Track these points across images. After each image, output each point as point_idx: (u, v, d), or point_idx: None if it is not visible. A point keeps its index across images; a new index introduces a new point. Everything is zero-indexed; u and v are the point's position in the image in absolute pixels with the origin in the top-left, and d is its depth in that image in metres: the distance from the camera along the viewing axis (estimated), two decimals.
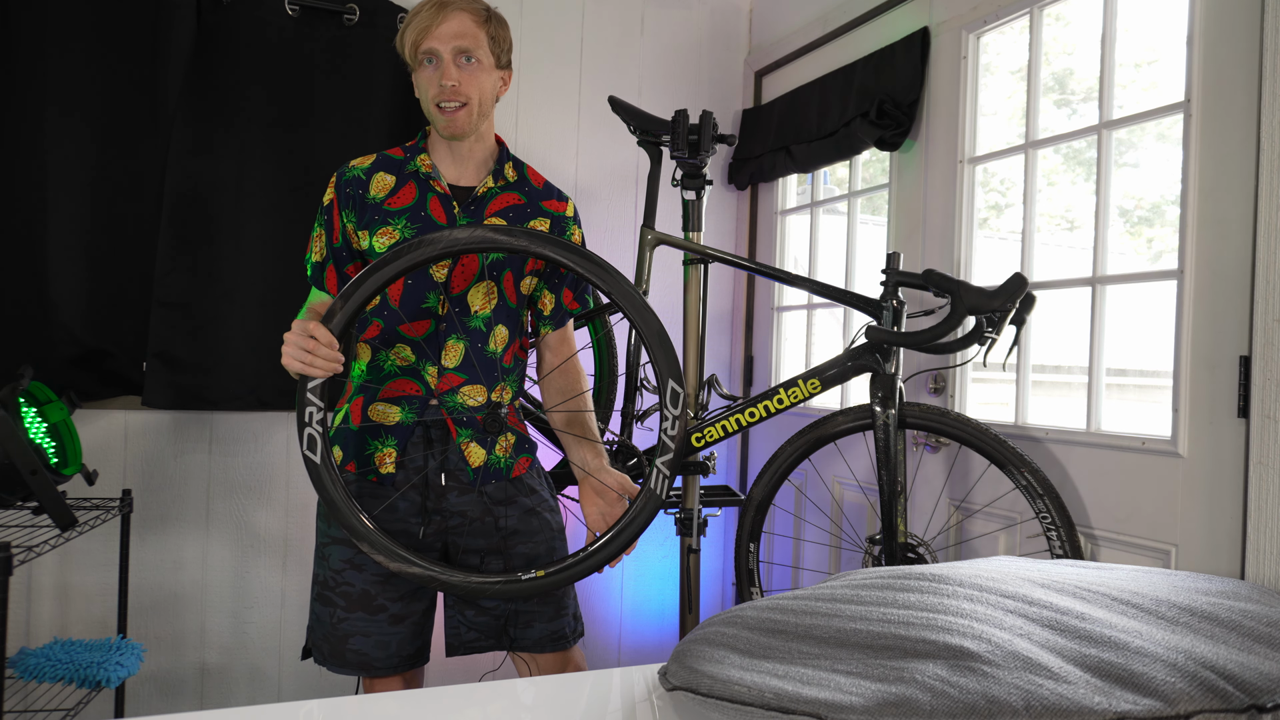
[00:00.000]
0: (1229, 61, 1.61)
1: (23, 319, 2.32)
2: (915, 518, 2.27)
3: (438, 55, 1.62)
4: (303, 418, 1.56)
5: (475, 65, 1.64)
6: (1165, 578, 1.28)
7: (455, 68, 1.62)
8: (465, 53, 1.62)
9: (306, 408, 1.55)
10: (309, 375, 1.55)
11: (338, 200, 1.70)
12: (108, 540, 2.43)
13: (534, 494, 1.76)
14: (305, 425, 1.55)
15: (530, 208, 1.75)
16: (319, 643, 1.70)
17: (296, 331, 1.54)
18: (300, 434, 1.56)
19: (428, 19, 1.61)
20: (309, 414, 1.55)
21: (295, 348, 1.53)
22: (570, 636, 1.77)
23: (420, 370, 1.68)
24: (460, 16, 1.62)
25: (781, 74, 2.97)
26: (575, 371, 1.82)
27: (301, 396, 1.56)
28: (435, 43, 1.61)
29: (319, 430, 1.55)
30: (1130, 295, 1.93)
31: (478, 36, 1.63)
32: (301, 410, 1.56)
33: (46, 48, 2.32)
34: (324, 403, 1.56)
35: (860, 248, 2.65)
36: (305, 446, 1.56)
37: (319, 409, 1.55)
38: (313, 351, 1.52)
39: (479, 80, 1.65)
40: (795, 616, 1.11)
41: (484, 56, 1.65)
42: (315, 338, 1.52)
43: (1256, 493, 1.50)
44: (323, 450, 1.56)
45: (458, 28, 1.62)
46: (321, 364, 1.53)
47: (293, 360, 1.54)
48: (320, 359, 1.52)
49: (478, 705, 1.17)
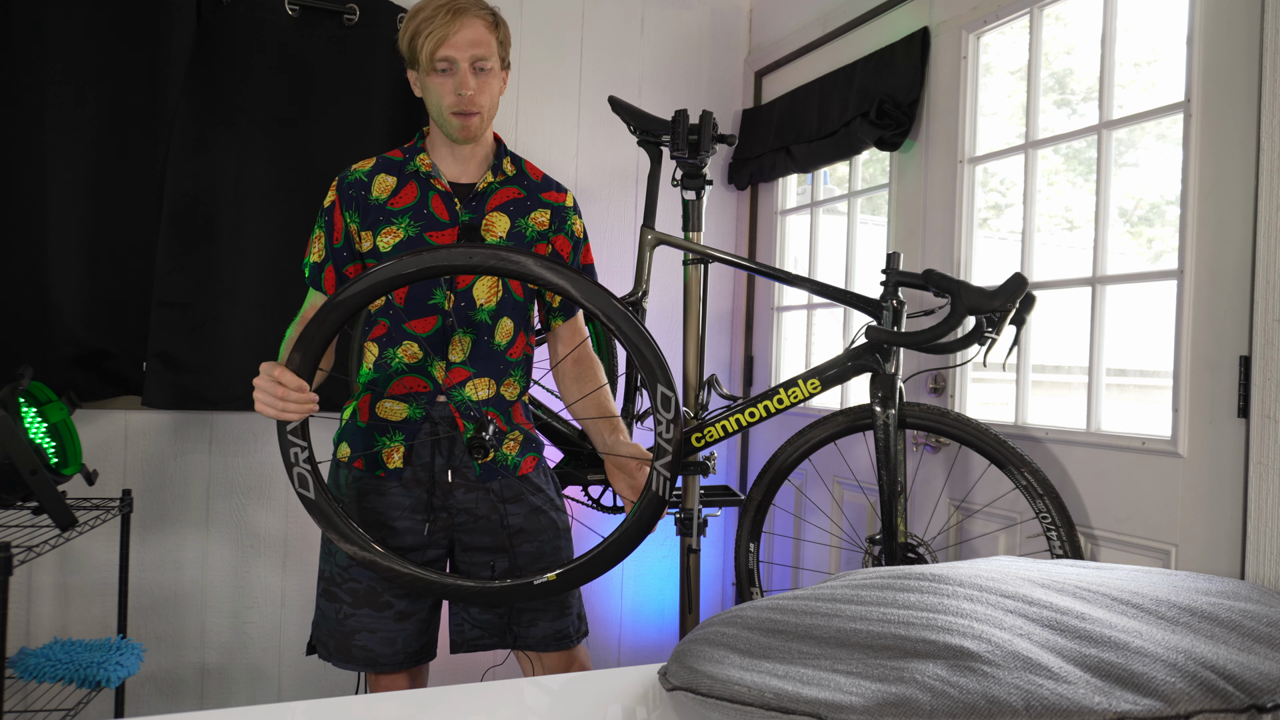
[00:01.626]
0: (1229, 61, 1.61)
1: (23, 319, 2.32)
2: (915, 518, 2.27)
3: (454, 64, 1.63)
4: (288, 459, 1.55)
5: (488, 73, 1.66)
6: (1165, 578, 1.28)
7: (472, 76, 1.63)
8: (481, 60, 1.64)
9: (290, 449, 1.55)
10: (285, 420, 1.54)
11: (340, 201, 1.71)
12: (108, 540, 2.43)
13: (540, 493, 1.77)
14: (293, 466, 1.55)
15: (530, 200, 1.76)
16: (324, 638, 1.71)
17: (264, 379, 1.52)
18: (290, 475, 1.56)
19: (444, 27, 1.60)
20: (294, 454, 1.55)
21: (266, 394, 1.51)
22: (574, 636, 1.77)
23: (427, 366, 1.68)
24: (475, 24, 1.63)
25: (781, 74, 2.97)
26: (589, 359, 1.83)
27: (283, 439, 1.55)
28: (453, 51, 1.61)
29: (308, 469, 1.55)
30: (1130, 295, 1.93)
31: (490, 44, 1.65)
32: (286, 452, 1.55)
33: (46, 48, 2.32)
34: (306, 441, 1.55)
35: (860, 248, 2.65)
36: (298, 486, 1.56)
37: (303, 448, 1.55)
38: (284, 399, 1.50)
39: (491, 87, 1.68)
40: (795, 616, 1.11)
41: (495, 64, 1.67)
42: (283, 384, 1.50)
43: (1256, 493, 1.50)
44: (316, 487, 1.56)
45: (474, 36, 1.62)
46: (295, 409, 1.51)
47: (265, 408, 1.52)
48: (293, 404, 1.51)
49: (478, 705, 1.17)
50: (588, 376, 1.82)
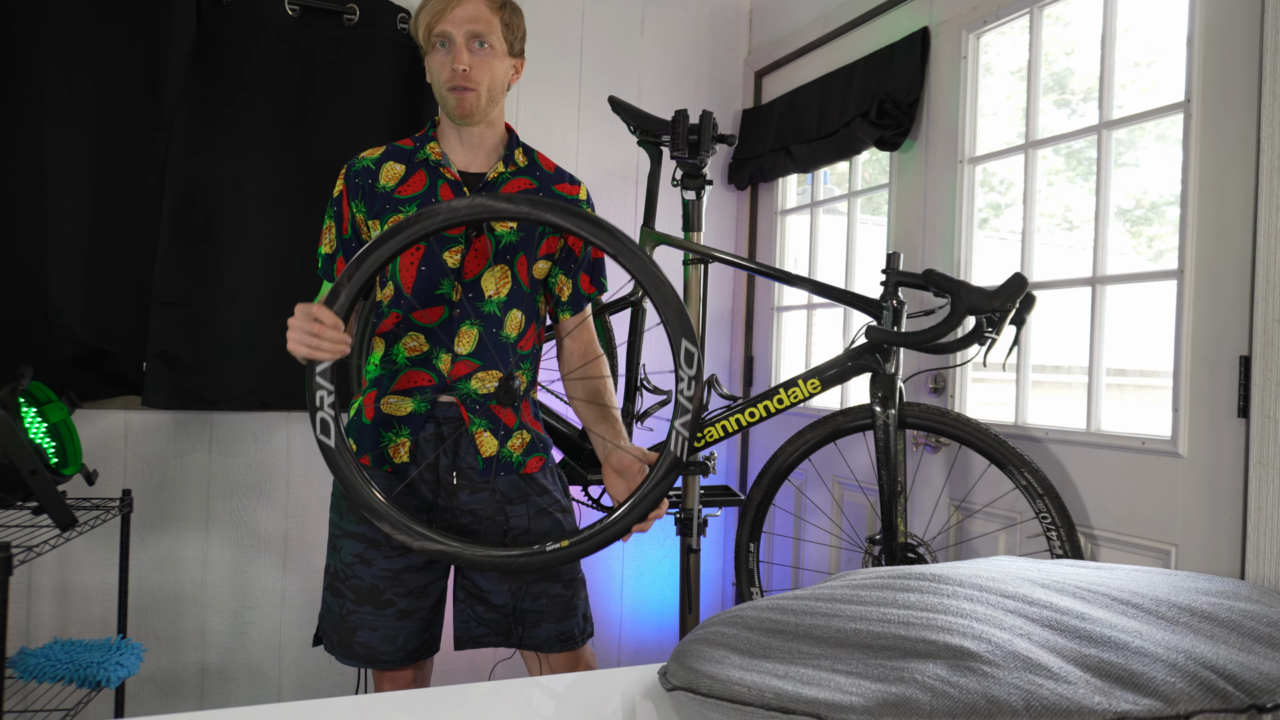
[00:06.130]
0: (1229, 61, 1.61)
1: (23, 319, 2.32)
2: (915, 518, 2.27)
3: (450, 39, 1.63)
4: (314, 402, 1.52)
5: (488, 51, 1.65)
6: (1165, 578, 1.28)
7: (467, 52, 1.63)
8: (478, 37, 1.63)
9: (317, 392, 1.51)
10: (316, 359, 1.52)
11: (347, 191, 1.70)
12: (108, 540, 2.43)
13: (546, 494, 1.75)
14: (317, 409, 1.52)
15: (543, 191, 1.75)
16: (329, 632, 1.71)
17: (300, 315, 1.50)
18: (313, 419, 1.52)
19: (442, 2, 1.62)
20: (320, 398, 1.51)
21: (300, 332, 1.49)
22: (579, 637, 1.76)
23: (433, 359, 1.67)
24: (474, 2, 1.63)
25: (781, 74, 2.97)
26: (596, 354, 1.83)
27: (310, 381, 1.51)
28: (448, 26, 1.62)
29: (331, 414, 1.52)
30: (1130, 295, 1.93)
31: (491, 22, 1.64)
32: (312, 395, 1.52)
33: (47, 47, 2.32)
34: (334, 385, 1.52)
35: (860, 248, 2.65)
36: (319, 431, 1.53)
37: (329, 392, 1.51)
38: (318, 335, 1.49)
39: (490, 66, 1.66)
40: (795, 616, 1.11)
41: (497, 42, 1.66)
42: (320, 320, 1.49)
43: (1256, 493, 1.50)
44: (336, 434, 1.53)
45: (471, 12, 1.63)
46: (329, 346, 1.49)
47: (298, 345, 1.50)
48: (327, 341, 1.49)
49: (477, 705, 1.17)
50: (594, 371, 1.81)
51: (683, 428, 1.52)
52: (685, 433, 1.52)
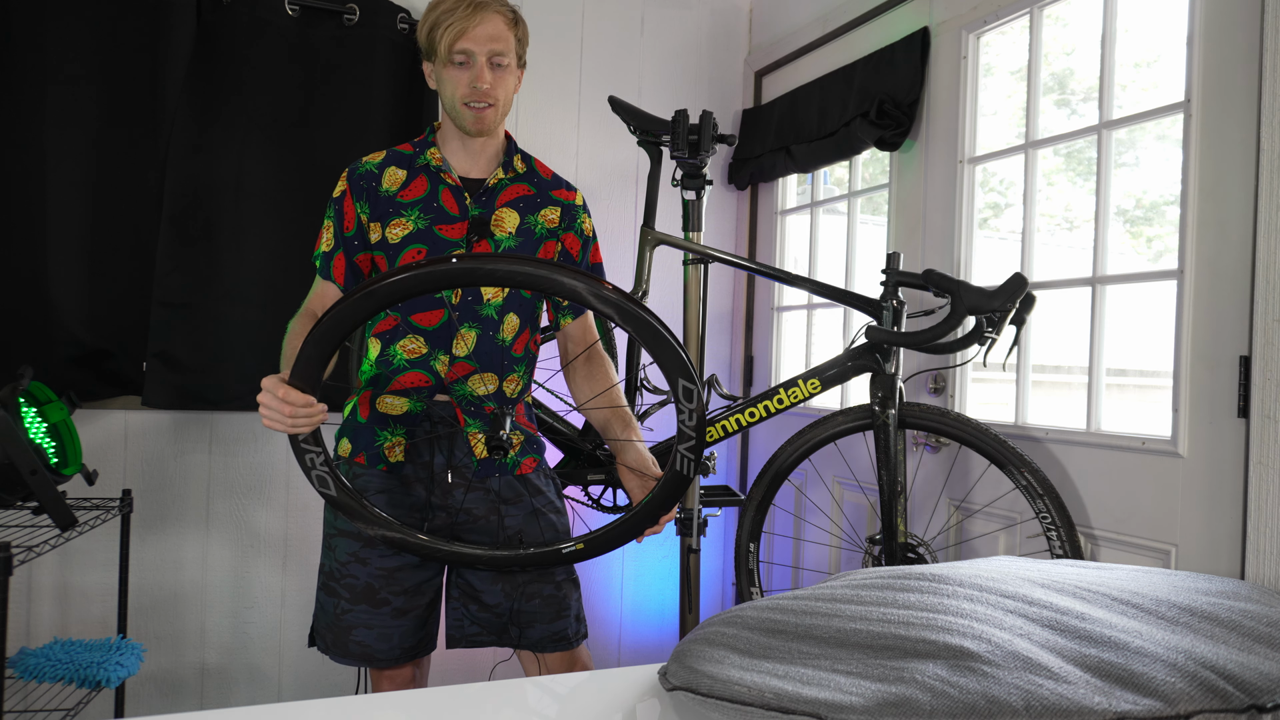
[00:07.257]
0: (1229, 61, 1.61)
1: (23, 319, 2.32)
2: (915, 518, 2.27)
3: (472, 56, 1.64)
4: (305, 464, 1.53)
5: (505, 69, 1.67)
6: (1165, 578, 1.28)
7: (489, 71, 1.65)
8: (499, 56, 1.65)
9: (305, 456, 1.52)
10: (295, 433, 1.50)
11: (350, 191, 1.71)
12: (108, 540, 2.43)
13: (540, 495, 1.76)
14: (311, 470, 1.53)
15: (540, 197, 1.76)
16: (323, 631, 1.71)
17: (269, 394, 1.44)
18: (309, 478, 1.54)
19: (464, 20, 1.62)
20: (309, 460, 1.52)
21: (274, 413, 1.45)
22: (573, 638, 1.77)
23: (430, 361, 1.68)
24: (495, 20, 1.64)
25: (781, 74, 2.97)
26: (600, 356, 1.82)
27: (297, 448, 1.52)
28: (470, 44, 1.63)
29: (325, 470, 1.53)
30: (1130, 295, 1.93)
31: (508, 40, 1.66)
32: (301, 460, 1.53)
33: (47, 48, 2.32)
34: (320, 446, 1.52)
35: (860, 248, 2.65)
36: (319, 487, 1.55)
37: (318, 453, 1.52)
38: (292, 415, 1.45)
39: (506, 82, 1.69)
40: (795, 616, 1.11)
41: (511, 60, 1.68)
42: (290, 403, 1.43)
43: (1256, 493, 1.50)
44: (336, 484, 1.55)
45: (493, 31, 1.64)
46: (304, 424, 1.46)
47: (274, 425, 1.47)
48: (302, 419, 1.45)
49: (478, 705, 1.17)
50: (599, 375, 1.81)
51: (686, 451, 1.51)
52: (691, 455, 1.51)
